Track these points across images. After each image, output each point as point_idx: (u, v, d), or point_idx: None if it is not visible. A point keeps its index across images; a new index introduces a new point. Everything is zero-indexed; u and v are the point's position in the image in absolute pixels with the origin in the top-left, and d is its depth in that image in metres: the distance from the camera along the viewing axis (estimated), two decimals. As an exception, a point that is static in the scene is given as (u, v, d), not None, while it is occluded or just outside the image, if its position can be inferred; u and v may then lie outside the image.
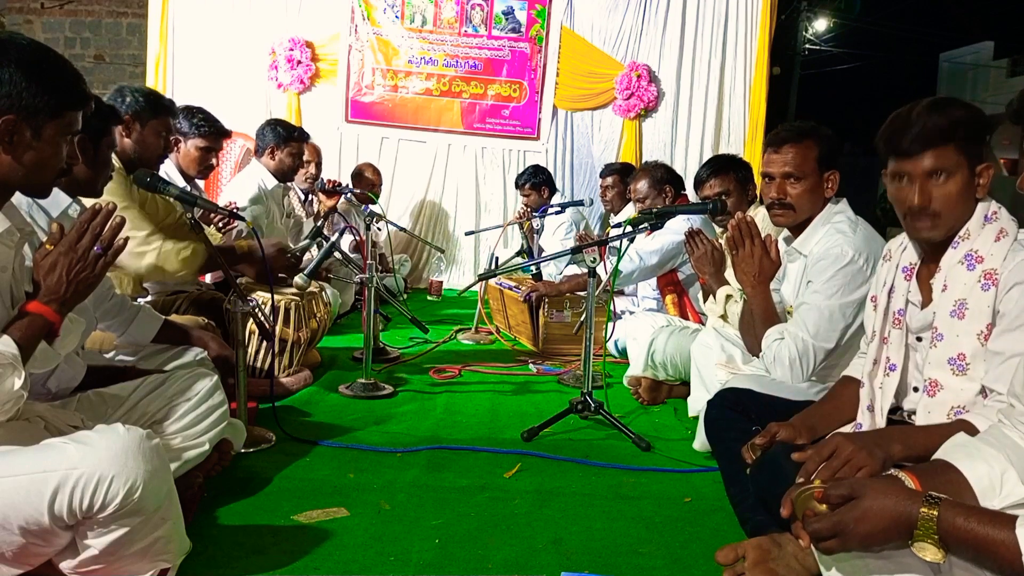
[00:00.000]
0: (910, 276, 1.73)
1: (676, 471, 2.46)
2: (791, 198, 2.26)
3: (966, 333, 1.60)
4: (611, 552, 1.90)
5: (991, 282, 1.57)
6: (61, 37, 8.90)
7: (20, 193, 1.58)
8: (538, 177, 5.53)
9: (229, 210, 2.85)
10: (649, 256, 3.78)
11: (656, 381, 3.23)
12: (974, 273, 1.60)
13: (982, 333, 1.57)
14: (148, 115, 2.79)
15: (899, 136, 1.63)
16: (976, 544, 1.09)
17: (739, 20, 6.51)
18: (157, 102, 2.86)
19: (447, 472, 2.37)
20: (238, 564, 1.74)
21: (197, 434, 1.91)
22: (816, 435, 1.78)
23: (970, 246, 1.62)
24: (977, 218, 1.64)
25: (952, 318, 1.62)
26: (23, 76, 1.44)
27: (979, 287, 1.59)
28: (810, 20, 19.02)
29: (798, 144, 2.26)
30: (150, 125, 2.80)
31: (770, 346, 2.22)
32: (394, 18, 6.35)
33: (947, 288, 1.64)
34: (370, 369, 3.23)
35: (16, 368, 1.43)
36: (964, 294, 1.61)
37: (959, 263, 1.63)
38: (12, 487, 1.36)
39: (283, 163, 4.23)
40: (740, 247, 2.30)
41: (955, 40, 20.96)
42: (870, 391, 1.75)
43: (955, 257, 1.64)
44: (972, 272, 1.60)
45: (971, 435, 1.39)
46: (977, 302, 1.59)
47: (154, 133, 2.83)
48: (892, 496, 1.16)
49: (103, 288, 2.20)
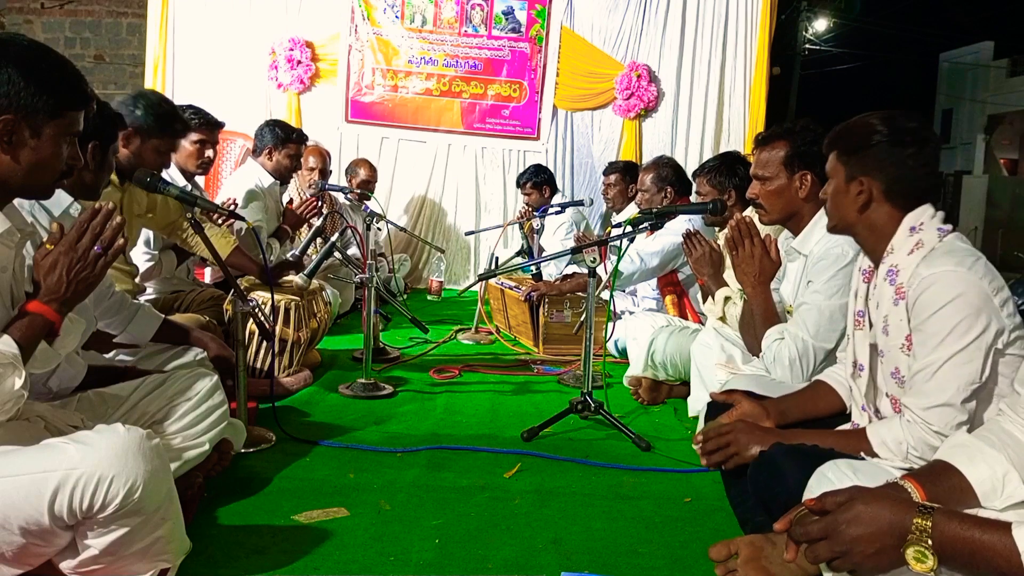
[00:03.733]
0: (868, 279, 1.76)
1: (676, 471, 2.46)
2: (760, 198, 2.37)
3: (894, 348, 1.63)
4: (611, 552, 1.90)
5: (900, 296, 1.60)
6: (61, 37, 8.89)
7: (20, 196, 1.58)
8: (539, 176, 5.53)
9: (229, 210, 2.85)
10: (650, 257, 3.78)
11: (656, 381, 3.23)
12: (892, 288, 1.63)
13: (904, 346, 1.60)
14: (153, 133, 2.70)
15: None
16: (973, 549, 1.08)
17: (739, 20, 6.50)
18: (168, 123, 2.76)
19: (447, 472, 2.37)
20: (238, 564, 1.74)
21: (197, 434, 1.91)
22: (786, 420, 1.88)
23: (892, 260, 1.65)
24: (902, 231, 1.65)
25: (883, 335, 1.66)
26: (22, 76, 1.43)
27: (892, 302, 1.62)
28: (810, 20, 19.03)
29: (764, 146, 2.38)
30: (151, 143, 2.71)
31: (770, 346, 2.22)
32: (394, 18, 6.35)
33: (879, 305, 1.68)
34: (370, 369, 3.23)
35: (16, 368, 1.43)
36: (887, 310, 1.64)
37: (884, 279, 1.66)
38: (12, 487, 1.36)
39: (280, 164, 4.23)
40: (740, 247, 2.32)
41: (955, 40, 20.98)
42: (858, 391, 1.77)
43: (882, 272, 1.67)
44: (891, 287, 1.63)
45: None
46: (894, 317, 1.62)
47: (153, 151, 2.73)
48: (887, 503, 1.15)
49: (103, 286, 2.19)
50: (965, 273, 1.51)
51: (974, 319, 1.48)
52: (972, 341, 1.48)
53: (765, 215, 2.38)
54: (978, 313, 1.49)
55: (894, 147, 1.65)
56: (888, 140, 1.66)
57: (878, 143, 1.67)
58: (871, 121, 1.70)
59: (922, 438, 1.52)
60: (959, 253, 1.55)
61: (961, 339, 1.49)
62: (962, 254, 1.55)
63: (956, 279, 1.50)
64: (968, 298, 1.49)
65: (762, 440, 1.73)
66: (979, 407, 1.52)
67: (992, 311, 1.50)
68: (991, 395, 1.53)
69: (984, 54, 20.30)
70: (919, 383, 1.53)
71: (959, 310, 1.49)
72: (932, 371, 1.51)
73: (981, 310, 1.49)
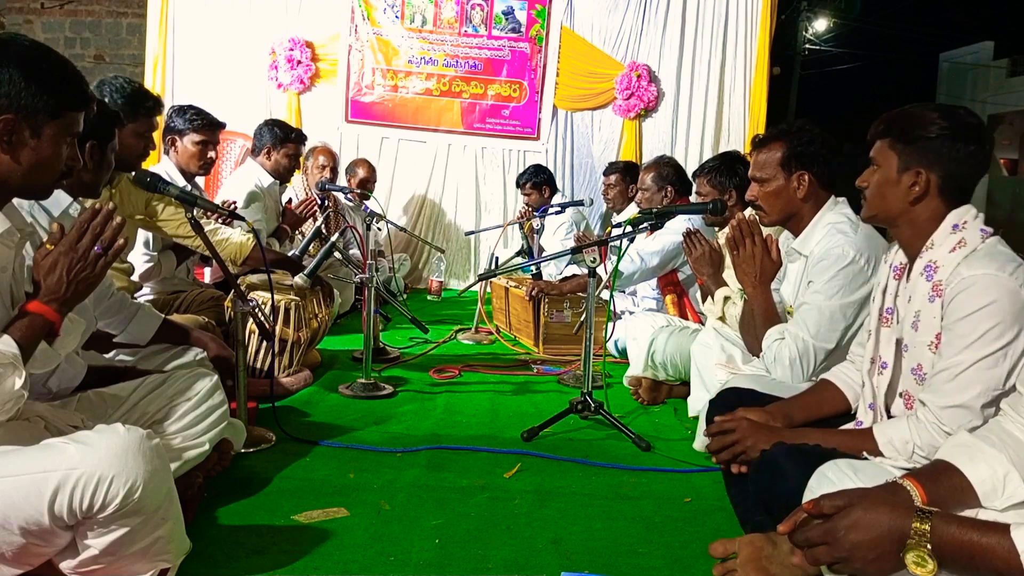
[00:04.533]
0: (899, 276, 1.74)
1: (676, 471, 2.46)
2: (759, 199, 2.36)
3: (922, 344, 1.61)
4: (611, 552, 1.90)
5: (937, 294, 1.57)
6: (61, 37, 8.89)
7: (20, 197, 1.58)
8: (539, 176, 5.53)
9: (229, 210, 2.85)
10: (650, 257, 3.78)
11: (656, 381, 3.23)
12: (929, 284, 1.60)
13: (932, 344, 1.58)
14: (128, 117, 2.63)
15: None
16: (972, 552, 1.09)
17: (739, 20, 6.50)
18: (138, 104, 2.73)
19: (447, 472, 2.37)
20: (238, 564, 1.74)
21: (197, 434, 1.91)
22: (792, 423, 1.85)
23: (931, 256, 1.62)
24: (944, 227, 1.63)
25: (912, 330, 1.64)
26: (23, 76, 1.44)
27: (928, 299, 1.59)
28: (810, 20, 19.02)
29: (761, 148, 2.37)
30: (128, 128, 2.66)
31: (770, 346, 2.22)
32: (394, 18, 6.34)
33: (911, 299, 1.65)
34: (370, 369, 3.23)
35: (17, 368, 1.43)
36: (920, 305, 1.62)
37: (920, 274, 1.64)
38: (12, 487, 1.36)
39: (279, 164, 4.23)
40: (741, 247, 2.31)
41: (955, 40, 20.96)
42: (871, 389, 1.76)
43: (919, 267, 1.65)
44: (928, 283, 1.61)
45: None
46: (927, 314, 1.60)
47: (133, 134, 2.71)
48: (886, 508, 1.15)
49: (103, 286, 2.19)
50: (1005, 279, 1.49)
51: (1007, 326, 1.47)
52: (1000, 348, 1.47)
53: (765, 217, 2.38)
54: (1013, 320, 1.47)
55: (956, 142, 1.60)
56: (950, 134, 1.61)
57: (939, 136, 1.61)
58: (930, 113, 1.64)
59: (930, 439, 1.51)
60: (1001, 258, 1.53)
61: (991, 344, 1.47)
62: (1004, 259, 1.52)
63: (995, 284, 1.48)
64: (1003, 304, 1.47)
65: (768, 439, 1.73)
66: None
67: None
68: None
69: (984, 54, 20.28)
70: (940, 382, 1.52)
71: (993, 315, 1.47)
72: (956, 372, 1.49)
73: (1013, 318, 1.47)
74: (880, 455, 1.59)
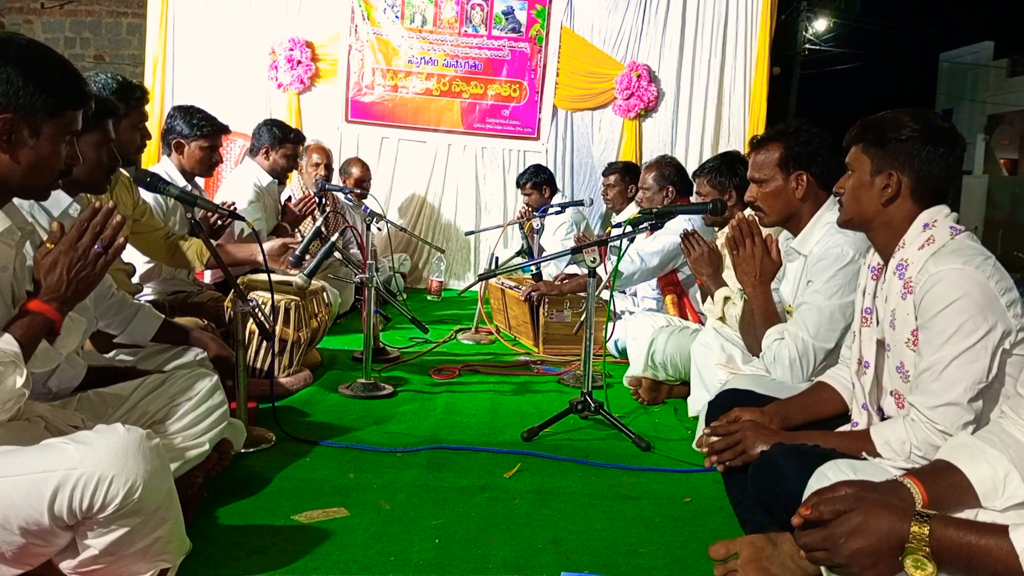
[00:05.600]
0: (876, 276, 1.75)
1: (676, 471, 2.46)
2: (758, 200, 2.36)
3: (900, 342, 1.63)
4: (611, 552, 1.90)
5: (908, 291, 1.59)
6: (61, 37, 8.89)
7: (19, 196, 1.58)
8: (539, 176, 5.53)
9: (229, 210, 2.84)
10: (650, 257, 3.78)
11: (656, 381, 3.23)
12: (901, 282, 1.62)
13: (910, 341, 1.60)
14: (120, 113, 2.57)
15: None
16: (970, 555, 1.09)
17: (739, 20, 6.50)
18: (128, 97, 2.71)
19: (447, 472, 2.37)
20: (238, 564, 1.74)
21: (197, 434, 1.91)
22: (789, 424, 1.87)
23: (903, 255, 1.64)
24: (915, 227, 1.64)
25: (891, 329, 1.65)
26: (21, 75, 1.44)
27: (900, 296, 1.61)
28: (810, 20, 19.03)
29: (759, 149, 2.37)
30: (122, 124, 2.62)
31: (770, 346, 2.22)
32: (394, 18, 6.35)
33: (888, 299, 1.67)
34: (370, 369, 3.23)
35: (18, 366, 1.43)
36: (895, 304, 1.64)
37: (893, 273, 1.65)
38: (12, 487, 1.36)
39: (277, 164, 4.23)
40: (740, 247, 2.32)
41: (955, 40, 20.97)
42: (860, 389, 1.77)
43: (892, 266, 1.66)
44: (900, 281, 1.62)
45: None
46: (901, 311, 1.61)
47: (128, 128, 2.69)
48: (884, 512, 1.15)
49: (103, 286, 2.20)
50: (972, 272, 1.50)
51: (980, 319, 1.48)
52: (978, 340, 1.48)
53: (764, 217, 2.38)
54: (983, 312, 1.48)
55: (926, 144, 1.63)
56: (920, 137, 1.64)
57: (909, 138, 1.64)
58: (902, 117, 1.67)
59: (926, 438, 1.52)
60: (968, 252, 1.54)
61: (967, 338, 1.48)
62: (971, 253, 1.54)
63: (962, 278, 1.50)
64: (973, 297, 1.48)
65: (768, 440, 1.73)
66: (986, 407, 1.51)
67: (998, 311, 1.49)
68: (998, 396, 1.52)
69: (984, 54, 20.28)
70: (926, 382, 1.53)
71: (964, 309, 1.48)
72: (939, 370, 1.50)
73: (986, 309, 1.48)
74: (879, 456, 1.59)
